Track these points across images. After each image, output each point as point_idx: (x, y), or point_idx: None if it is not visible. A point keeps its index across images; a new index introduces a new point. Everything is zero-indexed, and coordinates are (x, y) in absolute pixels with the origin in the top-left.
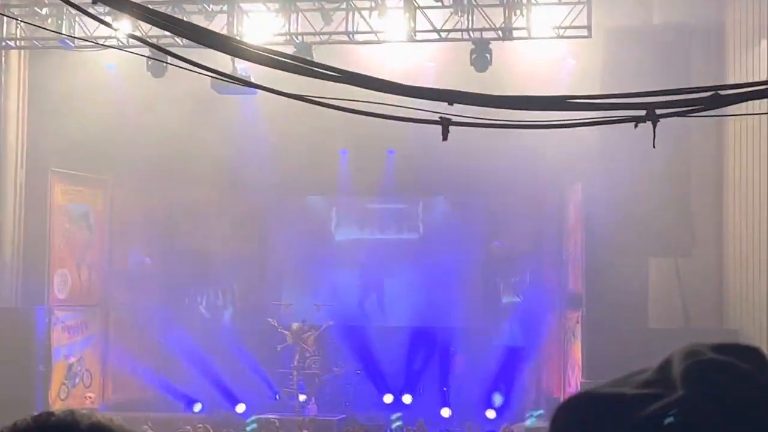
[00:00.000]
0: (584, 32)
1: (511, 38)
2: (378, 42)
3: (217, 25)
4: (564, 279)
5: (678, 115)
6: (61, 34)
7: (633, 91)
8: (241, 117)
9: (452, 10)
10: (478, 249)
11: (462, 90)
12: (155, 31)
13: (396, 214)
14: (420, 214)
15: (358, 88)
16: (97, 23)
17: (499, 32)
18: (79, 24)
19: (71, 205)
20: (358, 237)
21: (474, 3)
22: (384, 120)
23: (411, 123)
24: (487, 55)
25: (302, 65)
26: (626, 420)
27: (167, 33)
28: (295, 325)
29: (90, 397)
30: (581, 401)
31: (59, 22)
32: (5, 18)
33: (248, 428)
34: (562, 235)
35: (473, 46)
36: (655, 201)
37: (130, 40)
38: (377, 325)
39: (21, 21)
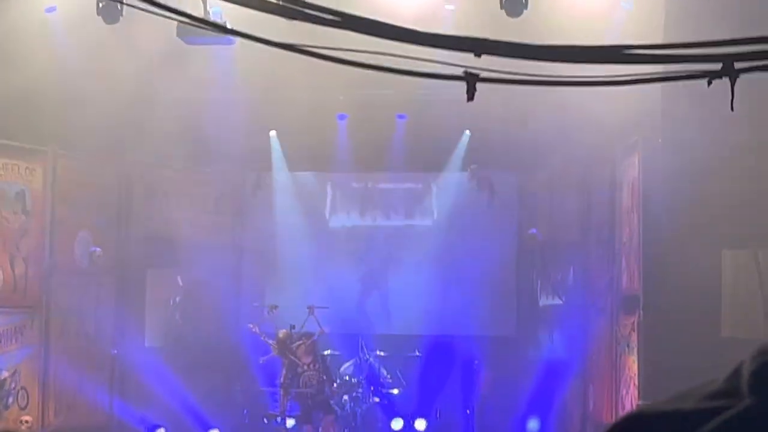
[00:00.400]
0: None
1: None
2: None
3: None
4: (617, 276)
5: (763, 70)
6: None
7: (705, 40)
8: (214, 73)
9: None
10: (508, 239)
11: (490, 38)
12: None
13: (405, 196)
14: (434, 195)
15: (361, 36)
16: None
17: None
18: None
19: (3, 184)
20: (358, 223)
21: None
22: (393, 77)
23: (427, 80)
24: None
25: (291, 6)
26: None
27: None
28: (281, 333)
29: (26, 422)
30: (634, 422)
31: None
32: None
33: None
34: (614, 222)
35: None
36: (731, 179)
37: None
38: (382, 333)
39: None
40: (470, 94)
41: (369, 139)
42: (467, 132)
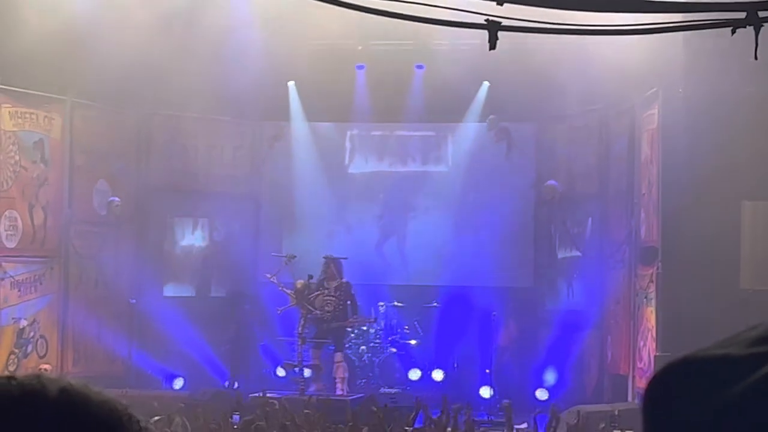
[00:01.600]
0: None
1: None
2: None
3: None
4: (635, 228)
5: None
6: None
7: None
8: (233, 23)
9: None
10: (526, 190)
11: None
12: None
13: (422, 143)
14: (452, 144)
15: None
16: None
17: None
18: None
19: (21, 133)
20: (376, 169)
21: None
22: (412, 27)
23: (446, 31)
24: None
25: None
26: (735, 386)
27: None
28: (299, 283)
29: (45, 370)
30: (681, 367)
31: None
32: None
33: None
34: (633, 173)
35: None
36: (752, 130)
37: None
38: (400, 283)
39: None
40: (492, 43)
41: (387, 89)
42: (486, 83)
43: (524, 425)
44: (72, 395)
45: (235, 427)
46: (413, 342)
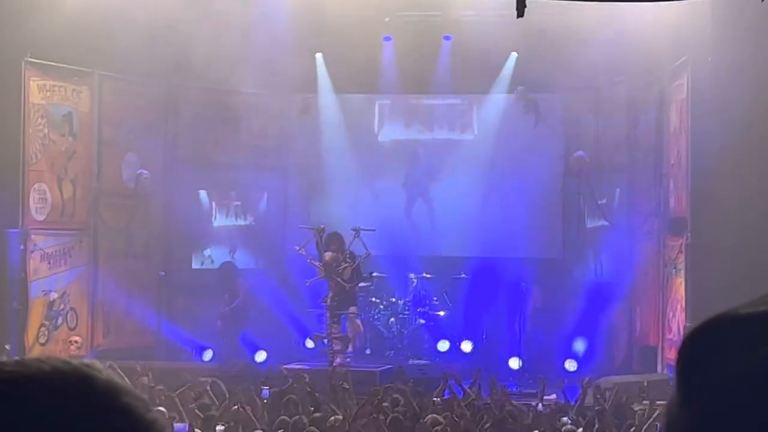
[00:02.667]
0: None
1: None
2: None
3: None
4: (664, 198)
5: None
6: None
7: None
8: None
9: None
10: (554, 161)
11: None
12: None
13: (449, 112)
14: (478, 112)
15: None
16: None
17: None
18: None
19: (50, 106)
20: (403, 137)
21: None
22: None
23: (473, 1)
24: None
25: None
26: None
27: None
28: (328, 256)
29: (76, 342)
30: (716, 326)
31: None
32: None
33: None
34: (662, 143)
35: None
36: None
37: None
38: (429, 255)
39: None
40: (520, 10)
41: (415, 61)
42: (514, 54)
43: (553, 396)
44: (114, 387)
45: (266, 401)
46: (442, 313)
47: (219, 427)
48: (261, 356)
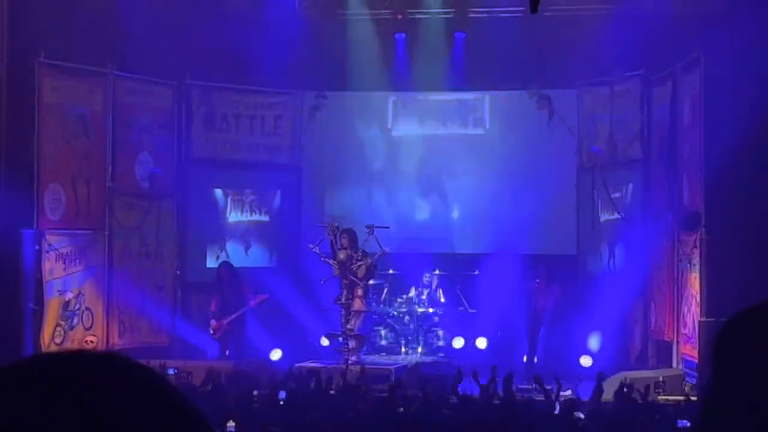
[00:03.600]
0: None
1: None
2: None
3: None
4: (678, 192)
5: None
6: None
7: None
8: None
9: None
10: (568, 156)
11: None
12: None
13: (461, 108)
14: (491, 109)
15: None
16: None
17: None
18: None
19: (65, 106)
20: (416, 133)
21: None
22: None
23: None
24: None
25: None
26: None
27: None
28: (342, 254)
29: (91, 342)
30: (754, 315)
31: None
32: None
33: None
34: (676, 137)
35: None
36: None
37: None
38: (443, 252)
39: None
40: (533, 6)
41: (427, 58)
42: (526, 50)
43: (568, 392)
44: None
45: (282, 402)
46: (461, 309)
47: (230, 423)
48: (276, 354)
